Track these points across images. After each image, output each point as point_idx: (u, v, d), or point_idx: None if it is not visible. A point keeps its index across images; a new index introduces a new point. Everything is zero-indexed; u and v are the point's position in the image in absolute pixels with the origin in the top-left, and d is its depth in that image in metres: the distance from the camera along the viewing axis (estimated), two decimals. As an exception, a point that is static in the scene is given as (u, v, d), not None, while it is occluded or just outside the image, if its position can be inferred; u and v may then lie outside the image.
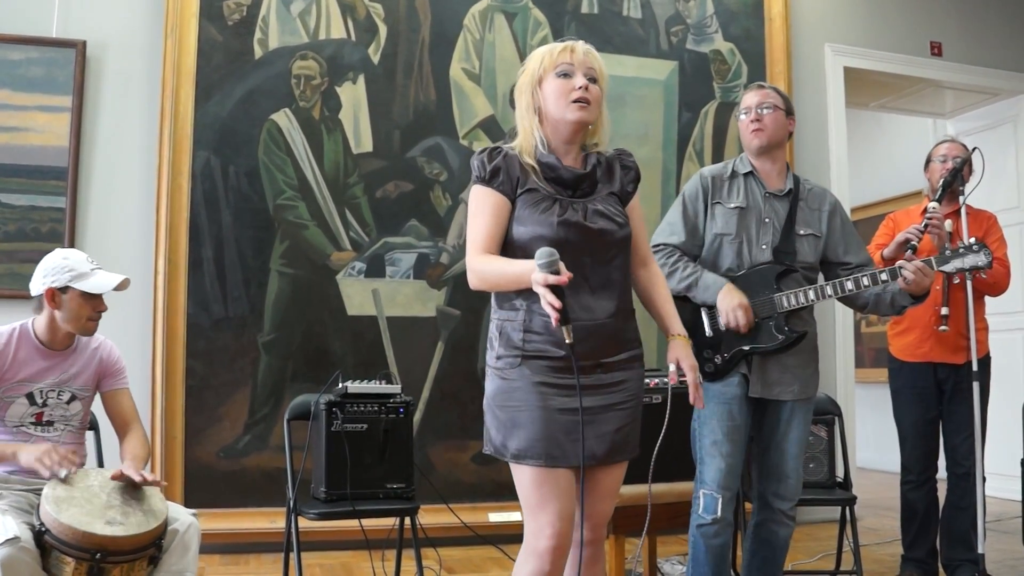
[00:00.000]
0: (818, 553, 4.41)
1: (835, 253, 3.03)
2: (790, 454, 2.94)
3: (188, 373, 4.40)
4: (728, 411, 2.90)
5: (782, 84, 5.42)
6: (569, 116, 2.24)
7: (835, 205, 3.07)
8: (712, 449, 2.90)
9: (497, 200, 2.23)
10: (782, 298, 2.90)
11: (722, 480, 2.87)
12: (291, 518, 3.33)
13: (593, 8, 5.22)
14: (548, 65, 2.27)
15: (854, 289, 2.90)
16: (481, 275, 2.19)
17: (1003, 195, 6.15)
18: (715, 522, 2.87)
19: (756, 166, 3.05)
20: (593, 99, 2.25)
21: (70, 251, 2.84)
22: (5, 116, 4.30)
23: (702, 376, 2.94)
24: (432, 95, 4.90)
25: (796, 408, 2.94)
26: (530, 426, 2.16)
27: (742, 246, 2.97)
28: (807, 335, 2.93)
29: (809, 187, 3.08)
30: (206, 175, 4.52)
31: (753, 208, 3.00)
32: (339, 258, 4.68)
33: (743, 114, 3.07)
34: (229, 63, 4.60)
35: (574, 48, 2.28)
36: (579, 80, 2.24)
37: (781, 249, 2.95)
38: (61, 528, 2.43)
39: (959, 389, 3.75)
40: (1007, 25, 6.20)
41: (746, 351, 2.89)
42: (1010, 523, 5.13)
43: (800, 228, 2.98)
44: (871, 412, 7.05)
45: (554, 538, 2.13)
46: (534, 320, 2.19)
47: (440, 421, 4.72)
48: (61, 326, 2.79)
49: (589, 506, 2.26)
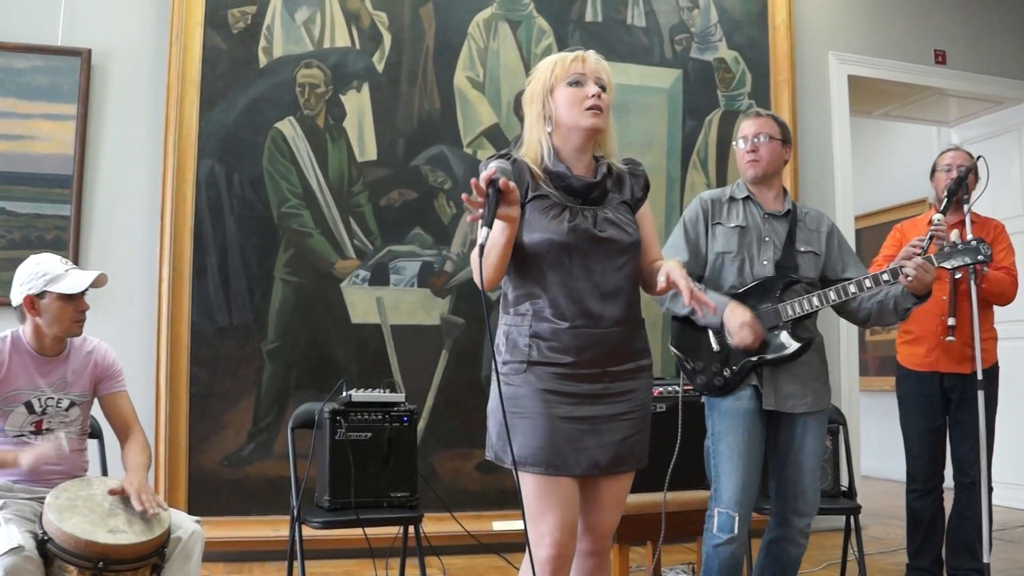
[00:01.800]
0: (823, 562, 4.39)
1: (834, 271, 3.04)
2: (807, 467, 2.92)
3: (192, 381, 4.40)
4: (743, 426, 2.89)
5: (786, 92, 5.42)
6: (583, 123, 2.24)
7: (832, 227, 3.11)
8: (728, 466, 2.88)
9: None
10: (786, 307, 2.90)
11: (739, 497, 2.85)
12: (295, 526, 3.33)
13: (597, 16, 5.22)
14: (560, 74, 2.28)
15: (857, 292, 2.89)
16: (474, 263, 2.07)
17: (1008, 203, 6.14)
18: (731, 541, 2.85)
19: (753, 192, 3.07)
20: (605, 107, 2.27)
21: (43, 256, 2.80)
22: (10, 124, 4.31)
23: (712, 392, 2.95)
24: (436, 103, 4.90)
25: (810, 420, 2.93)
26: (532, 433, 2.15)
27: (744, 264, 2.98)
28: (813, 341, 2.92)
29: (806, 210, 3.12)
30: (210, 183, 4.52)
31: (753, 227, 3.02)
32: (343, 266, 4.68)
33: (740, 142, 3.10)
34: (234, 71, 4.60)
35: (585, 58, 2.30)
36: (592, 88, 2.25)
37: (783, 264, 2.97)
38: (64, 537, 2.43)
39: (966, 398, 3.73)
40: (1011, 33, 6.20)
41: (754, 362, 2.89)
42: (1016, 532, 5.11)
43: (800, 245, 3.00)
44: (876, 420, 7.03)
45: (553, 547, 2.12)
46: (540, 326, 2.19)
47: (444, 429, 4.71)
48: (46, 332, 2.77)
49: (593, 516, 2.25)
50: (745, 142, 3.06)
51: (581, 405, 2.18)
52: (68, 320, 2.76)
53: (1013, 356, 5.63)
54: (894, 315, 3.00)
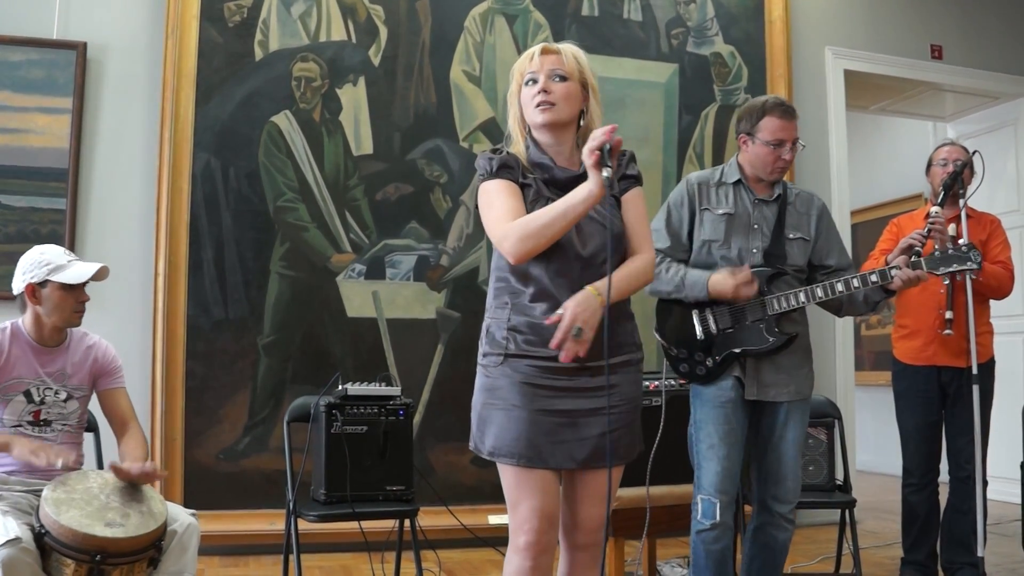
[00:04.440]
0: (817, 556, 4.41)
1: (819, 257, 3.04)
2: (788, 456, 2.93)
3: (188, 375, 4.39)
4: (724, 414, 2.90)
5: (782, 87, 5.42)
6: (536, 119, 2.27)
7: (823, 209, 3.08)
8: (709, 453, 2.90)
9: (511, 186, 2.24)
10: (772, 301, 2.90)
11: (719, 484, 2.87)
12: (291, 520, 3.34)
13: (594, 11, 5.22)
14: (520, 76, 2.31)
15: (844, 291, 2.89)
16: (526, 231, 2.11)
17: (1003, 198, 6.15)
18: (714, 527, 2.88)
19: (748, 176, 3.04)
20: (559, 97, 2.25)
21: (47, 246, 2.84)
22: (5, 118, 4.30)
23: (695, 380, 2.96)
24: (432, 97, 4.90)
25: (792, 409, 2.94)
26: (508, 425, 2.16)
27: (731, 252, 2.97)
28: (798, 336, 2.93)
29: (796, 192, 3.09)
30: (206, 177, 4.52)
31: (742, 214, 3.00)
32: (339, 260, 4.67)
33: (772, 145, 2.94)
34: (229, 65, 4.60)
35: (534, 54, 2.30)
36: (540, 85, 2.25)
37: (771, 253, 2.96)
38: (61, 530, 2.43)
39: (962, 393, 3.74)
40: (1007, 28, 6.20)
41: (737, 353, 2.90)
42: (1010, 526, 5.12)
43: (789, 232, 2.99)
44: (871, 415, 7.05)
45: (531, 533, 2.13)
46: (517, 319, 2.20)
47: (440, 423, 4.72)
48: (46, 321, 2.80)
49: (577, 510, 2.25)
50: (780, 146, 2.94)
51: (560, 398, 2.17)
52: (68, 310, 2.79)
53: (1009, 351, 5.65)
54: (864, 306, 3.01)
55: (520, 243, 2.11)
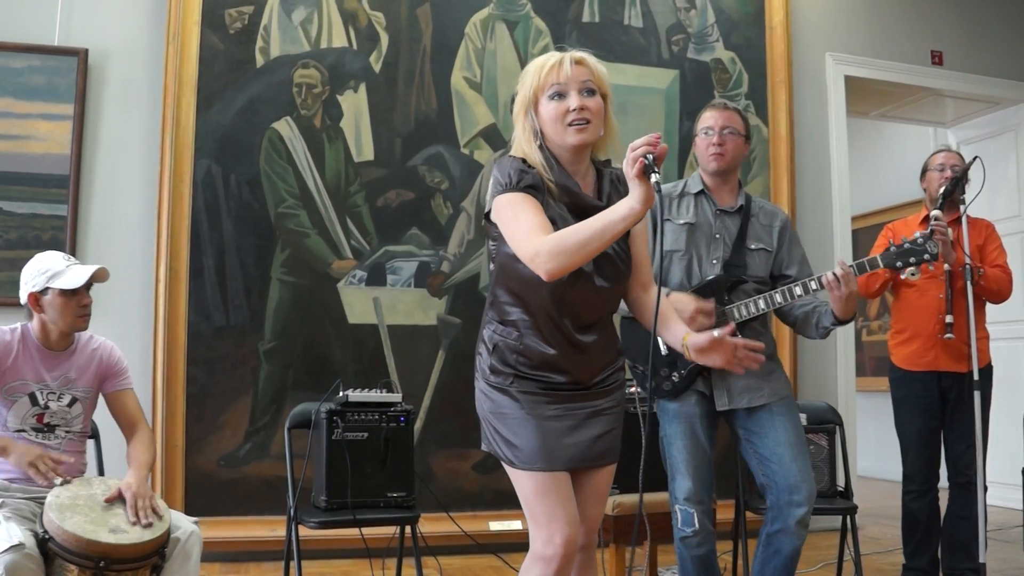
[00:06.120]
0: (819, 563, 4.40)
1: (779, 267, 3.05)
2: (788, 457, 2.90)
3: (189, 381, 4.39)
4: (690, 429, 2.94)
5: (783, 93, 5.43)
6: (569, 140, 2.15)
7: (785, 222, 3.10)
8: (681, 467, 2.94)
9: (535, 201, 2.11)
10: (733, 310, 2.90)
11: (693, 496, 2.91)
12: (291, 526, 3.33)
13: (594, 17, 5.23)
14: (540, 85, 2.16)
15: (803, 294, 2.89)
16: (561, 247, 1.98)
17: (1004, 204, 6.16)
18: (695, 534, 2.92)
19: (709, 185, 3.06)
20: (594, 114, 2.15)
21: (47, 253, 2.87)
22: (7, 124, 4.31)
23: (662, 395, 2.98)
24: (433, 104, 4.90)
25: (775, 410, 2.93)
26: (528, 436, 2.17)
27: (691, 262, 2.98)
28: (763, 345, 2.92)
29: (760, 204, 3.10)
30: (207, 183, 4.52)
31: (703, 224, 3.01)
32: (340, 266, 4.68)
33: (703, 133, 3.04)
34: (231, 71, 4.60)
35: (561, 64, 2.15)
36: (573, 101, 2.13)
37: (732, 263, 2.96)
38: (65, 536, 2.44)
39: (962, 399, 3.74)
40: (1008, 34, 6.21)
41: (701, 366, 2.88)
42: (1011, 532, 5.12)
43: (751, 243, 3.00)
44: (872, 421, 7.04)
45: (564, 546, 2.11)
46: (528, 345, 2.19)
47: (441, 430, 4.71)
48: (52, 327, 2.83)
49: (582, 510, 2.26)
50: (710, 133, 3.01)
51: (565, 404, 2.21)
52: (71, 315, 2.81)
53: (1008, 356, 5.65)
54: (814, 330, 2.98)
55: (553, 259, 1.98)
